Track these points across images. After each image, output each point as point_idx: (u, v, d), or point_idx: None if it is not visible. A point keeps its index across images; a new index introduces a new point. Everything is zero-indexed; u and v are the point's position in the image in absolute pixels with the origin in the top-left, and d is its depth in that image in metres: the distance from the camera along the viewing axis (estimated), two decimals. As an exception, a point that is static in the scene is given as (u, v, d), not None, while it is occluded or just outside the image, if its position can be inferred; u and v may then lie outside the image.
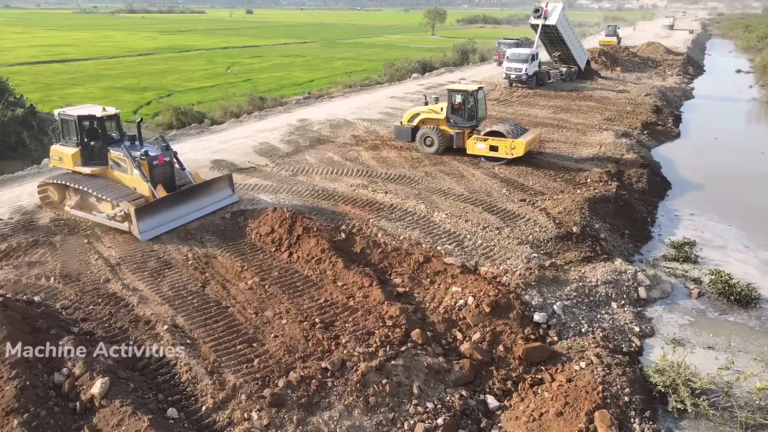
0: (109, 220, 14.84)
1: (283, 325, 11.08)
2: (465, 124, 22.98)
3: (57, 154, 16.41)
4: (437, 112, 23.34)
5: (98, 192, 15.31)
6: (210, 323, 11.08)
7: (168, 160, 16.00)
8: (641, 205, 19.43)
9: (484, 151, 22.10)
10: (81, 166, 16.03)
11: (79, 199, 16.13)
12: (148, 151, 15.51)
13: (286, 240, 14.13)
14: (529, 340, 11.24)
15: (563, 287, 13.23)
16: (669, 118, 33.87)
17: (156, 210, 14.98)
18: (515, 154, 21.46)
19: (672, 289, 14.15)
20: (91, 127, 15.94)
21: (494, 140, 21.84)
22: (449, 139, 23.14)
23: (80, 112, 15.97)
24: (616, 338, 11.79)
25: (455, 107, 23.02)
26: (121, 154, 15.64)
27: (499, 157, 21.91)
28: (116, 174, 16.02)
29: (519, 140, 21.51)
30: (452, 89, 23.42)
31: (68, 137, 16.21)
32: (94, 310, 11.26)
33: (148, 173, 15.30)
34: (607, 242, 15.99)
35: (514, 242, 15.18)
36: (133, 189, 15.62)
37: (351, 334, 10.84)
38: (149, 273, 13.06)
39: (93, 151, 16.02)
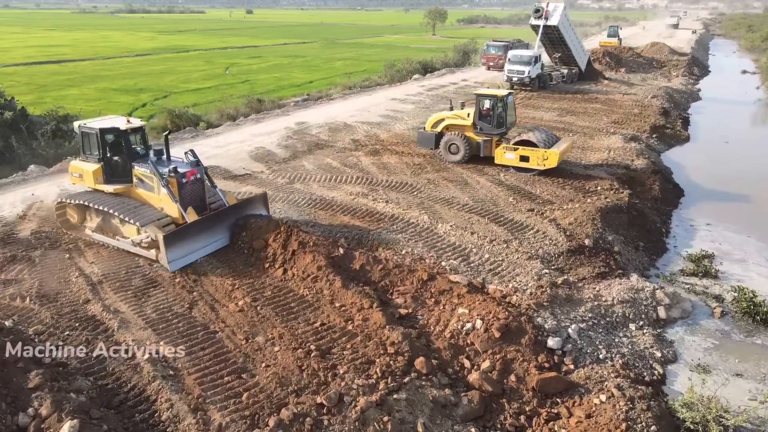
0: (134, 246, 13.43)
1: (275, 352, 10.18)
2: (493, 131, 21.47)
3: (77, 170, 14.80)
4: (463, 118, 21.86)
5: (122, 213, 13.65)
6: (196, 351, 10.19)
7: (198, 177, 14.29)
8: (655, 214, 18.53)
9: (514, 161, 20.59)
10: (103, 183, 14.45)
11: (100, 221, 14.60)
12: (177, 167, 13.80)
13: (280, 255, 13.22)
14: (543, 368, 10.33)
15: (577, 307, 12.32)
16: (677, 121, 32.98)
17: (186, 236, 13.24)
18: (548, 166, 20.02)
19: (693, 308, 13.24)
20: (114, 141, 14.40)
21: (525, 150, 20.34)
22: (476, 146, 21.68)
23: (102, 125, 14.39)
24: (637, 365, 10.88)
25: (483, 113, 21.50)
26: (147, 171, 13.99)
27: (529, 168, 20.43)
28: (141, 193, 14.34)
29: (552, 150, 20.02)
30: (481, 94, 21.90)
31: (89, 152, 14.62)
32: (70, 336, 10.35)
33: (177, 192, 13.61)
34: (621, 256, 15.11)
35: (523, 257, 14.27)
36: (160, 209, 13.98)
37: (349, 364, 9.94)
38: (133, 292, 12.16)
39: (116, 168, 14.46)
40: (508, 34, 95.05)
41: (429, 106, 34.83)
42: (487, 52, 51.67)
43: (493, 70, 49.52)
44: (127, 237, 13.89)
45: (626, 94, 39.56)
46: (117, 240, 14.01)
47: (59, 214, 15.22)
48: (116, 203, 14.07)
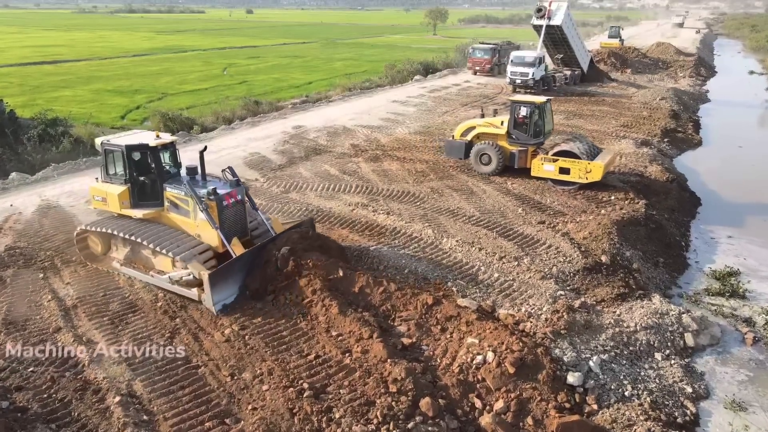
0: (172, 284, 11.76)
1: (263, 392, 9.09)
2: (530, 141, 19.97)
3: (99, 193, 13.09)
4: (497, 126, 20.37)
5: (156, 244, 12.02)
6: (175, 390, 9.11)
7: (240, 198, 12.66)
8: (673, 226, 17.41)
9: (553, 173, 19.07)
10: (130, 208, 12.80)
11: (129, 252, 12.96)
12: (216, 188, 12.14)
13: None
14: (563, 409, 9.22)
15: (598, 335, 11.21)
16: (688, 124, 31.88)
17: (232, 272, 11.60)
18: (591, 179, 18.42)
19: (722, 334, 12.13)
20: (142, 159, 12.78)
21: (565, 161, 18.85)
22: (509, 157, 20.19)
23: (129, 141, 12.69)
24: (667, 404, 9.78)
25: (518, 121, 19.98)
26: (182, 193, 12.35)
27: (570, 182, 18.89)
28: (174, 218, 12.69)
29: (596, 162, 18.52)
30: (516, 100, 20.30)
31: (113, 172, 12.98)
32: (34, 374, 9.27)
33: (217, 217, 12.01)
34: (641, 274, 14.00)
35: (536, 276, 13.18)
36: (196, 237, 12.40)
37: (347, 405, 8.84)
38: (110, 319, 11.09)
39: (145, 190, 12.83)
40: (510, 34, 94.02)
41: (431, 108, 33.80)
42: (473, 55, 47.87)
43: (480, 75, 46.90)
44: (161, 270, 12.24)
45: (633, 95, 38.47)
46: (151, 276, 12.25)
47: (80, 243, 13.47)
48: (148, 231, 12.34)
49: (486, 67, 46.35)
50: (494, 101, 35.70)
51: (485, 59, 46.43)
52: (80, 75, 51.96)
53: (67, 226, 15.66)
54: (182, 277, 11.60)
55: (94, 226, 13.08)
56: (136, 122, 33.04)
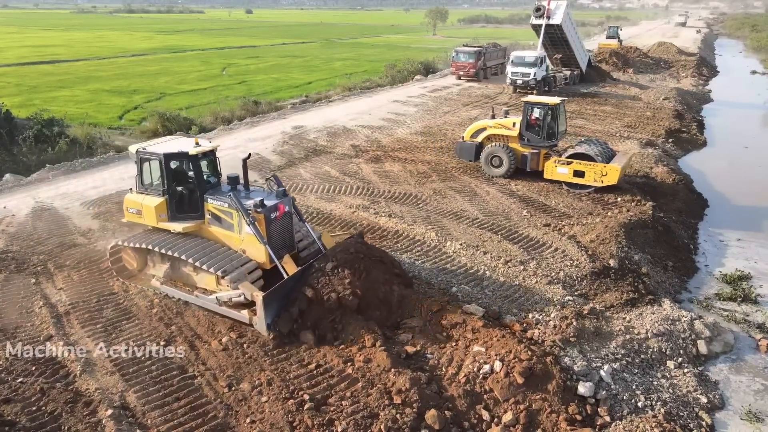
0: (220, 305, 10.88)
1: (262, 403, 8.73)
2: (542, 143, 19.49)
3: (134, 205, 12.06)
4: (509, 128, 19.89)
5: (201, 261, 11.06)
6: (170, 402, 8.74)
7: (287, 210, 11.72)
8: (681, 229, 17.06)
9: (567, 176, 18.65)
10: (168, 221, 11.82)
11: (168, 269, 12.01)
12: (263, 200, 11.20)
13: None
14: (574, 422, 8.86)
15: (608, 342, 10.85)
16: (692, 124, 31.50)
17: (283, 292, 10.60)
18: (606, 182, 17.99)
19: (735, 340, 11.77)
20: (180, 168, 11.90)
21: (580, 164, 18.40)
22: (521, 159, 19.73)
23: (167, 149, 11.63)
24: (682, 415, 9.42)
25: (531, 122, 19.53)
26: (225, 205, 11.39)
27: (585, 185, 18.47)
28: (215, 231, 11.73)
29: (612, 165, 18.05)
30: (529, 101, 19.81)
31: (149, 182, 11.98)
32: (23, 386, 8.90)
33: (265, 231, 11.13)
34: (650, 278, 13.64)
35: (542, 281, 12.81)
36: (241, 252, 11.51)
37: (349, 418, 8.48)
38: (103, 326, 10.71)
39: (183, 201, 11.87)
40: (510, 34, 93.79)
41: (432, 108, 33.43)
42: (457, 59, 44.52)
43: (465, 79, 44.21)
44: (203, 288, 11.44)
45: (636, 96, 38.11)
46: (196, 296, 11.31)
47: (113, 257, 12.56)
48: (190, 247, 11.43)
49: (470, 71, 43.61)
50: (495, 101, 35.33)
51: (469, 63, 43.59)
52: (78, 75, 51.56)
53: (61, 229, 15.30)
54: (231, 299, 10.69)
55: (130, 241, 12.08)
56: (134, 122, 32.67)
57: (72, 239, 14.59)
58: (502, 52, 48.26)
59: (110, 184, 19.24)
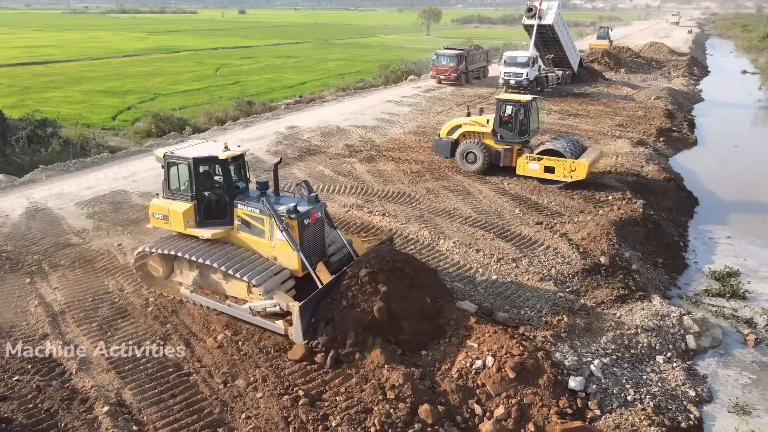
0: (253, 315, 10.58)
1: (257, 399, 8.83)
2: (515, 139, 19.95)
3: (160, 211, 11.71)
4: (482, 125, 20.27)
5: (233, 269, 10.74)
6: (165, 398, 8.83)
7: (320, 217, 11.49)
8: (671, 226, 17.26)
9: (538, 172, 19.05)
10: (196, 227, 11.47)
11: (197, 276, 11.71)
12: (296, 206, 10.96)
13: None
14: (565, 415, 9.01)
15: (598, 338, 11.02)
16: (683, 124, 31.80)
17: (317, 301, 10.41)
18: (575, 177, 18.41)
19: (723, 336, 11.96)
20: (209, 173, 11.71)
21: (550, 160, 18.78)
22: (495, 156, 20.13)
23: (197, 153, 11.28)
24: (670, 408, 9.58)
25: (504, 119, 19.96)
26: (256, 211, 11.10)
27: (555, 180, 18.87)
28: (245, 238, 11.41)
29: (580, 161, 18.44)
30: (502, 99, 20.26)
31: (176, 187, 11.61)
32: (19, 383, 8.96)
33: (298, 238, 10.85)
34: (640, 275, 13.81)
35: (534, 278, 12.97)
36: (271, 259, 11.22)
37: (343, 413, 8.59)
38: (98, 325, 10.78)
39: (212, 207, 11.60)
40: (503, 34, 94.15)
41: (426, 108, 33.60)
42: (437, 62, 42.76)
43: (446, 83, 42.79)
44: (233, 296, 11.17)
45: (628, 95, 38.41)
46: (228, 306, 10.98)
47: (138, 264, 12.25)
48: (220, 255, 11.10)
49: (451, 75, 42.06)
50: (489, 101, 35.47)
51: (450, 67, 42.05)
52: (71, 75, 51.34)
53: (55, 229, 15.34)
54: (266, 308, 10.41)
55: (157, 247, 11.69)
56: (127, 123, 32.60)
57: (67, 239, 14.64)
58: (484, 55, 47.31)
59: (104, 184, 19.27)
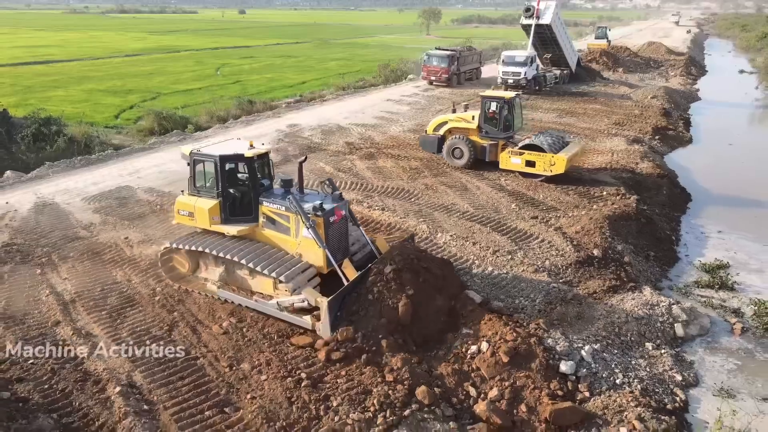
0: (281, 311, 10.77)
1: (262, 381, 9.24)
2: (500, 135, 20.58)
3: (186, 207, 11.95)
4: (468, 121, 20.93)
5: (261, 266, 10.96)
6: (174, 381, 9.24)
7: (344, 215, 11.72)
8: (664, 221, 17.67)
9: (519, 166, 19.66)
10: (221, 224, 11.70)
11: (223, 272, 11.90)
12: (322, 203, 11.19)
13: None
14: (556, 397, 9.42)
15: (590, 325, 11.44)
16: (679, 122, 32.21)
17: (344, 297, 10.62)
18: (555, 171, 18.98)
19: (711, 325, 12.38)
20: (234, 171, 11.91)
21: (531, 154, 19.36)
22: (480, 151, 20.73)
23: (223, 151, 11.54)
24: (657, 391, 10.00)
25: (489, 116, 20.63)
26: (281, 208, 11.33)
27: (536, 174, 19.47)
28: (270, 235, 11.65)
29: (559, 155, 18.95)
30: (486, 95, 20.97)
31: (202, 185, 11.88)
32: (34, 366, 9.38)
33: (324, 235, 11.11)
34: (632, 267, 14.21)
35: (529, 269, 13.38)
36: (296, 256, 11.43)
37: (344, 394, 9.01)
38: (108, 313, 11.20)
39: (237, 204, 11.83)
40: (503, 34, 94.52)
41: (425, 107, 33.99)
42: (428, 63, 42.02)
43: (437, 85, 42.05)
44: (260, 292, 11.40)
45: (625, 94, 38.82)
46: (255, 301, 11.20)
47: (164, 260, 12.42)
48: (247, 251, 11.32)
49: (442, 76, 41.36)
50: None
51: (442, 68, 41.32)
52: (72, 75, 51.71)
53: (63, 223, 15.75)
54: (293, 304, 10.64)
55: (184, 243, 11.89)
56: (129, 122, 33.00)
57: (75, 232, 15.07)
58: (477, 56, 46.70)
59: (109, 180, 19.69)
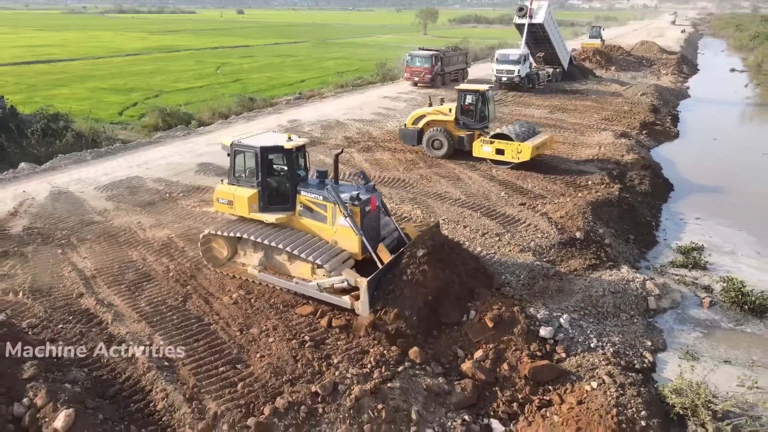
0: (320, 292, 11.36)
1: (269, 343, 10.24)
2: (476, 125, 22.07)
3: (225, 196, 12.49)
4: (445, 114, 22.28)
5: (299, 251, 11.52)
6: (191, 342, 10.23)
7: (378, 205, 12.33)
8: (645, 208, 18.70)
9: (490, 154, 21.16)
10: (260, 212, 12.28)
11: (262, 257, 12.56)
12: (359, 194, 11.81)
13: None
14: (535, 357, 10.44)
15: (569, 298, 12.46)
16: (667, 118, 33.27)
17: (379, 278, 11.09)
18: (521, 159, 20.37)
19: (682, 299, 13.40)
20: (273, 162, 12.42)
21: (500, 143, 20.85)
22: (458, 141, 22.13)
23: (264, 143, 12.08)
24: (628, 353, 11.02)
25: (465, 108, 22.10)
26: (319, 197, 11.92)
27: (505, 161, 20.89)
28: (306, 222, 12.24)
29: (525, 144, 20.38)
30: (462, 89, 22.49)
31: (240, 174, 12.48)
32: (64, 330, 10.36)
33: (360, 223, 11.68)
34: (612, 248, 15.23)
35: (515, 249, 14.40)
36: (332, 243, 12.05)
37: (343, 353, 10.02)
38: (126, 286, 12.18)
39: (275, 193, 12.41)
40: (499, 34, 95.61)
41: (421, 103, 34.81)
42: (411, 63, 41.92)
43: (421, 86, 41.61)
44: (298, 277, 11.94)
45: (616, 91, 39.87)
46: (296, 283, 11.76)
47: (203, 246, 12.96)
48: (286, 237, 11.96)
49: (426, 77, 41.21)
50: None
51: (425, 68, 41.22)
52: (75, 74, 52.57)
53: (79, 209, 16.74)
54: (333, 285, 11.21)
55: (225, 230, 12.44)
56: (133, 118, 33.93)
57: (90, 217, 16.05)
58: (463, 57, 46.64)
59: (119, 171, 20.67)
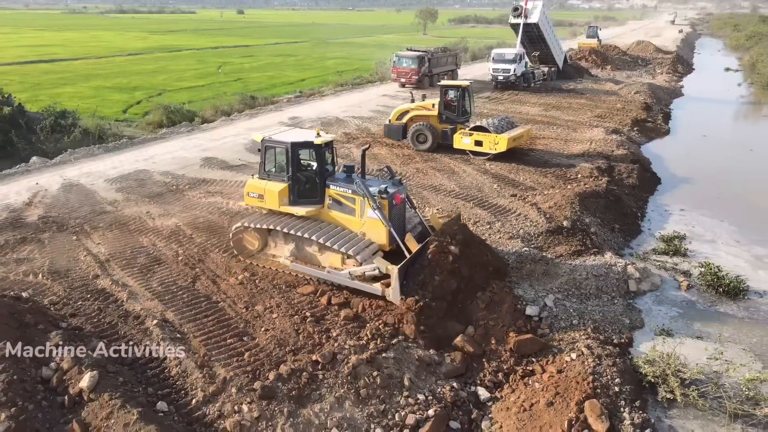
0: (352, 279, 11.78)
1: (273, 319, 11.05)
2: (459, 119, 23.19)
3: (256, 190, 13.01)
4: (429, 109, 23.41)
5: (329, 241, 12.07)
6: (200, 318, 11.04)
7: (403, 198, 12.93)
8: (631, 200, 19.51)
9: (470, 145, 22.38)
10: (289, 205, 12.80)
11: (293, 248, 13.00)
12: (387, 188, 12.34)
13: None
14: (521, 332, 11.25)
15: (554, 280, 13.27)
16: (659, 116, 34.08)
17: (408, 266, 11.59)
18: (498, 150, 21.68)
19: (662, 282, 14.20)
20: (302, 157, 12.94)
21: (479, 135, 22.10)
22: (442, 135, 23.27)
23: (294, 138, 12.62)
24: (607, 330, 11.82)
25: (448, 102, 23.16)
26: (348, 191, 12.47)
27: (483, 153, 22.13)
28: (335, 215, 12.77)
29: (502, 135, 21.74)
30: (445, 85, 23.61)
31: (271, 169, 13.01)
32: (83, 306, 11.18)
33: (388, 215, 12.21)
34: (597, 236, 16.04)
35: (504, 236, 15.22)
36: (360, 234, 12.57)
37: (342, 328, 10.82)
38: (139, 269, 12.99)
39: (304, 187, 12.93)
40: (498, 34, 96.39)
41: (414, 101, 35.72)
42: (398, 64, 41.30)
43: (409, 87, 39.94)
44: (328, 267, 12.32)
45: (610, 90, 40.68)
46: (327, 272, 12.15)
47: (235, 238, 13.44)
48: (317, 229, 12.45)
49: (413, 78, 40.69)
50: (480, 95, 37.68)
51: (412, 69, 40.68)
52: (78, 73, 53.36)
53: (90, 199, 17.56)
54: (365, 273, 11.66)
55: (257, 222, 12.95)
56: (137, 116, 34.74)
57: (101, 207, 16.87)
58: (452, 58, 46.12)
59: (127, 165, 21.50)
